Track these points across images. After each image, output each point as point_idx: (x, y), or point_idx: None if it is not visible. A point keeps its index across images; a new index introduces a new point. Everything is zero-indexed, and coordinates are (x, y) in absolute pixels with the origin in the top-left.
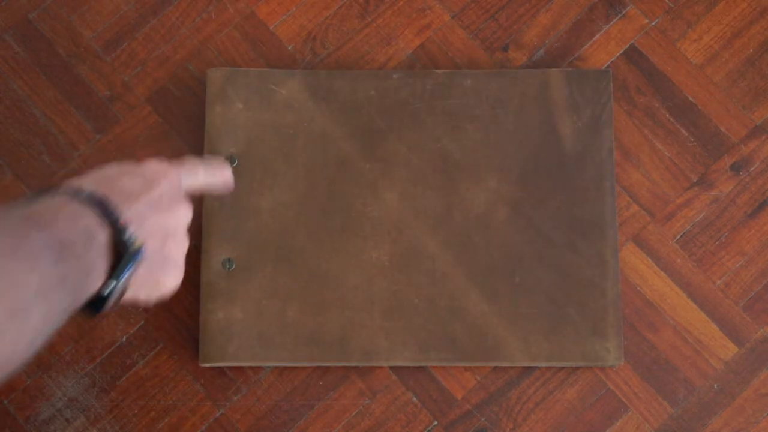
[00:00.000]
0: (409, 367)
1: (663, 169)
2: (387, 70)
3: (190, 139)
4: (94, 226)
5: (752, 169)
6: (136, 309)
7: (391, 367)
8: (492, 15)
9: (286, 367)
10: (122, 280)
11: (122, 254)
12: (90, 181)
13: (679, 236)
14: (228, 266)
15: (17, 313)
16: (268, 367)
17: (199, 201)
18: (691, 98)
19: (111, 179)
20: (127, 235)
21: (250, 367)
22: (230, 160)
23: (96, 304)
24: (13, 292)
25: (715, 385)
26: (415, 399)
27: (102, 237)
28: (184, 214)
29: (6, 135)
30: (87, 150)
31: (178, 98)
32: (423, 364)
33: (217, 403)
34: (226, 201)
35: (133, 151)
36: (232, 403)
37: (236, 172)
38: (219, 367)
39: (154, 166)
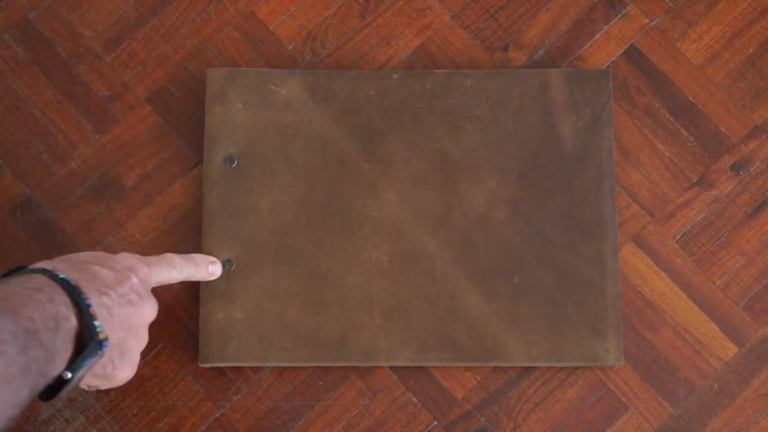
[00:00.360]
0: (409, 367)
1: (663, 169)
2: (387, 70)
3: (190, 139)
4: (64, 313)
5: (752, 169)
6: None
7: (391, 367)
8: (492, 15)
9: (286, 367)
10: (83, 370)
11: (86, 343)
12: (65, 266)
13: (679, 236)
14: (228, 267)
15: None
16: (268, 367)
17: (199, 201)
18: (691, 98)
19: (85, 266)
20: (94, 325)
21: (250, 368)
22: (230, 160)
23: (52, 389)
24: None
25: (715, 385)
26: (415, 399)
27: (70, 325)
28: (148, 312)
29: (6, 135)
30: (87, 150)
31: (178, 98)
32: (423, 365)
33: (217, 403)
34: (226, 201)
35: (133, 151)
36: (232, 403)
37: (236, 172)
38: (219, 367)
39: (127, 260)
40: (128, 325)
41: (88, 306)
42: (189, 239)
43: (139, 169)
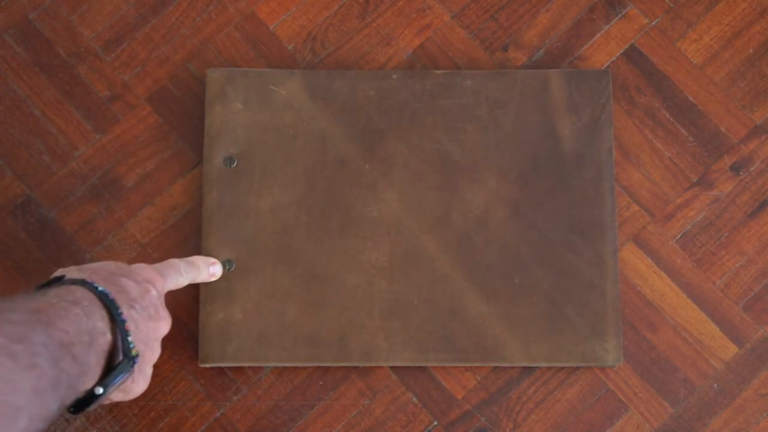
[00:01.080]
0: (409, 367)
1: (663, 169)
2: (387, 71)
3: (190, 139)
4: (101, 328)
5: (752, 169)
6: None
7: (391, 367)
8: (492, 15)
9: (286, 367)
10: (114, 385)
11: (119, 358)
12: (98, 277)
13: (679, 236)
14: (227, 267)
15: (6, 414)
16: (268, 367)
17: (199, 201)
18: (691, 98)
19: (114, 278)
20: (128, 341)
21: (250, 367)
22: (230, 160)
23: (81, 402)
24: (6, 391)
25: (715, 385)
26: (415, 399)
27: (104, 339)
28: (163, 326)
29: (6, 135)
30: (87, 150)
31: (178, 98)
32: (423, 365)
33: (217, 403)
34: (226, 201)
35: (133, 151)
36: (232, 403)
37: (236, 173)
38: (219, 367)
39: (144, 272)
40: (147, 339)
41: (124, 321)
42: (189, 239)
43: (139, 169)
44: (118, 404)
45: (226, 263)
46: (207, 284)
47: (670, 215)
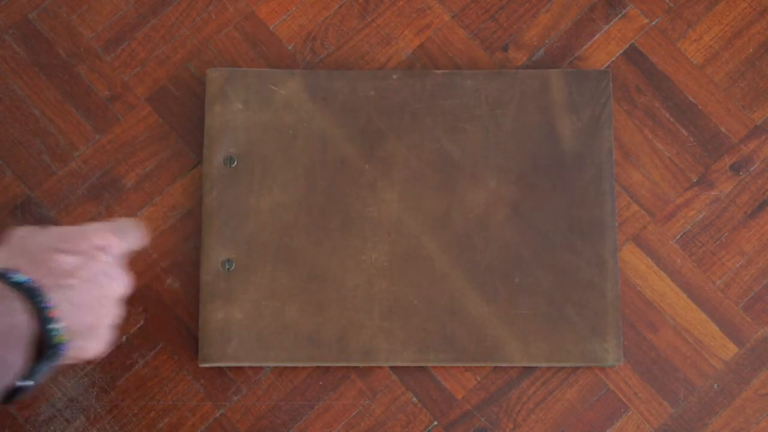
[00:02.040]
0: (409, 367)
1: (663, 169)
2: (387, 71)
3: (189, 139)
4: (23, 321)
5: (752, 169)
6: (135, 309)
7: (391, 367)
8: (492, 15)
9: (286, 367)
10: (40, 375)
11: (45, 347)
12: (24, 260)
13: (679, 236)
14: (227, 267)
15: None
16: (268, 367)
17: (199, 201)
18: (691, 98)
19: (46, 256)
20: (50, 330)
21: (250, 367)
22: (230, 160)
23: (11, 393)
24: None
25: (715, 385)
26: (415, 399)
27: (28, 332)
28: (116, 289)
29: (6, 135)
30: (87, 150)
31: (178, 98)
32: (423, 365)
33: (217, 403)
34: (225, 201)
35: (133, 151)
36: (232, 403)
37: (236, 173)
38: (219, 367)
39: (95, 237)
40: (96, 306)
41: (47, 308)
42: (189, 239)
43: (139, 169)
44: (117, 404)
45: (225, 263)
46: (207, 284)
47: (670, 215)
